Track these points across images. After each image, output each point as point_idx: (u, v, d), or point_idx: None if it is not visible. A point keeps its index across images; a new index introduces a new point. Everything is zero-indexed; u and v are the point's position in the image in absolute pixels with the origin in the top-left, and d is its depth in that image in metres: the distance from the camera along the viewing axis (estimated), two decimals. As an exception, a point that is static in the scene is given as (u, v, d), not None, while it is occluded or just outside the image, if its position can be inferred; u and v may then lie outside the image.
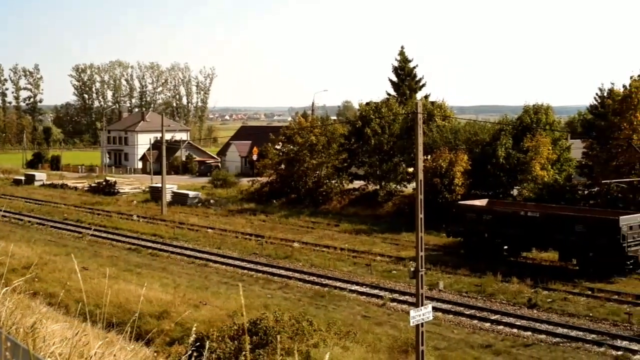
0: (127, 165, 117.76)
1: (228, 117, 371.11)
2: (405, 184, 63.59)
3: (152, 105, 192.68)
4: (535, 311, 32.66)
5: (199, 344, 13.59)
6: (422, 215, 23.24)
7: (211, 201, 69.37)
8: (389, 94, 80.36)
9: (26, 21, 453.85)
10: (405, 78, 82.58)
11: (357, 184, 68.10)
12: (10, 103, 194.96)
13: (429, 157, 55.96)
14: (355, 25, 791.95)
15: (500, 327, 30.47)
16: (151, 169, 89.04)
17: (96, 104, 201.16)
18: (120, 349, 6.66)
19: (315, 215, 61.25)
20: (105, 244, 50.50)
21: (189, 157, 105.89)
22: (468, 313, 32.51)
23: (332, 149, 66.66)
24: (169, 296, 32.05)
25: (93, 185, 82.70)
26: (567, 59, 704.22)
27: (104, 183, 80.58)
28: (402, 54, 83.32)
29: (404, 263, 42.02)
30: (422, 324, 22.80)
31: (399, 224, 52.85)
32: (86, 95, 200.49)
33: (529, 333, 29.60)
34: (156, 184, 74.45)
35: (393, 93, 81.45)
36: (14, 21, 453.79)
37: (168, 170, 78.16)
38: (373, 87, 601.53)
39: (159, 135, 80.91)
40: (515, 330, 30.04)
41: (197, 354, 7.20)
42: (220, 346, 22.19)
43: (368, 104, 69.81)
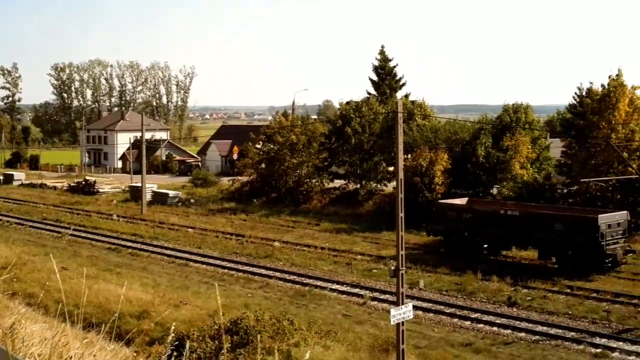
0: (107, 165, 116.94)
1: (208, 116, 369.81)
2: (385, 182, 63.68)
3: (132, 105, 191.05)
4: (514, 309, 32.86)
5: (178, 343, 13.54)
6: (403, 214, 23.32)
7: (191, 200, 69.13)
8: (369, 93, 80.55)
9: (2, 19, 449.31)
10: (385, 77, 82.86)
11: (338, 183, 68.14)
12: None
13: (410, 156, 56.11)
14: (336, 25, 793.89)
15: (480, 326, 30.64)
16: (131, 169, 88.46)
17: (75, 103, 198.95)
18: (100, 349, 6.62)
19: (296, 214, 61.22)
20: (85, 244, 50.17)
21: (169, 157, 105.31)
22: (448, 311, 32.68)
23: (313, 148, 66.64)
24: (149, 296, 31.88)
25: (72, 184, 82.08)
26: (547, 59, 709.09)
27: (84, 182, 79.96)
28: (383, 53, 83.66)
29: (385, 262, 42.10)
30: (403, 322, 22.87)
31: (380, 223, 52.90)
32: (65, 95, 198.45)
33: (509, 331, 29.79)
34: (136, 183, 74.10)
35: (373, 92, 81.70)
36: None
37: (148, 169, 77.82)
38: (353, 86, 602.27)
39: (138, 134, 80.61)
40: (495, 329, 30.21)
41: (177, 353, 7.15)
42: (201, 346, 22.12)
43: (348, 103, 69.83)
